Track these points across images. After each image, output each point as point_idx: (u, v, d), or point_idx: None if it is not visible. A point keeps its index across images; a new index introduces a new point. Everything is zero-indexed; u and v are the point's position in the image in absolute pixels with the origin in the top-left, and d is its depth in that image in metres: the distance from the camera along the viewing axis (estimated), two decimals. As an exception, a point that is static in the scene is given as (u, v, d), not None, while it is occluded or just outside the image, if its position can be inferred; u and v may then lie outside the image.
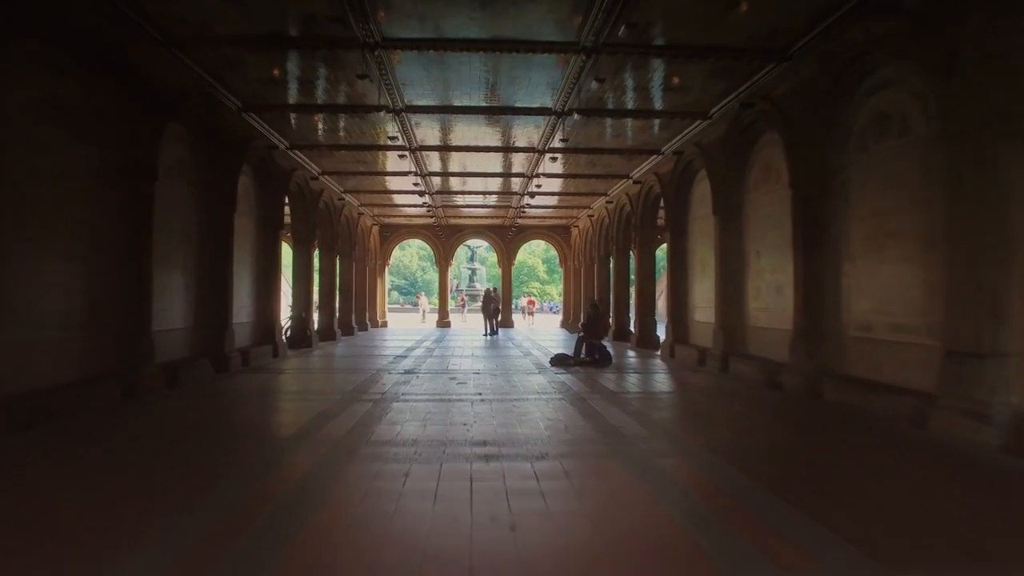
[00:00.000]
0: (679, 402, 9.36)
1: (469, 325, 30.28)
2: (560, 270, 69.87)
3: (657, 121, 12.64)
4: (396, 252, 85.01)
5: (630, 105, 11.50)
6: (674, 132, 13.20)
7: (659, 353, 15.62)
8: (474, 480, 4.73)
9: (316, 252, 20.36)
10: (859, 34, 7.45)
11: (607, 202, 19.97)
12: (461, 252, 66.73)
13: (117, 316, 8.33)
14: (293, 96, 11.15)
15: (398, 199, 22.17)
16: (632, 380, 11.19)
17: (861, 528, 3.74)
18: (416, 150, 14.58)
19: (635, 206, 17.81)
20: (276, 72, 10.04)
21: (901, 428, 6.54)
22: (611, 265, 21.90)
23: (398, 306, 58.49)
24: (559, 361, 12.97)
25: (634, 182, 17.51)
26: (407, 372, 11.49)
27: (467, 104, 11.44)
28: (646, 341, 17.26)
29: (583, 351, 13.34)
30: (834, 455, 5.75)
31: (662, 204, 16.75)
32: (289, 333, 17.07)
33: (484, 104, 11.42)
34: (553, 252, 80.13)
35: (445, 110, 11.72)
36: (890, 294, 7.65)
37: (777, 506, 4.13)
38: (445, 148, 14.71)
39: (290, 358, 14.21)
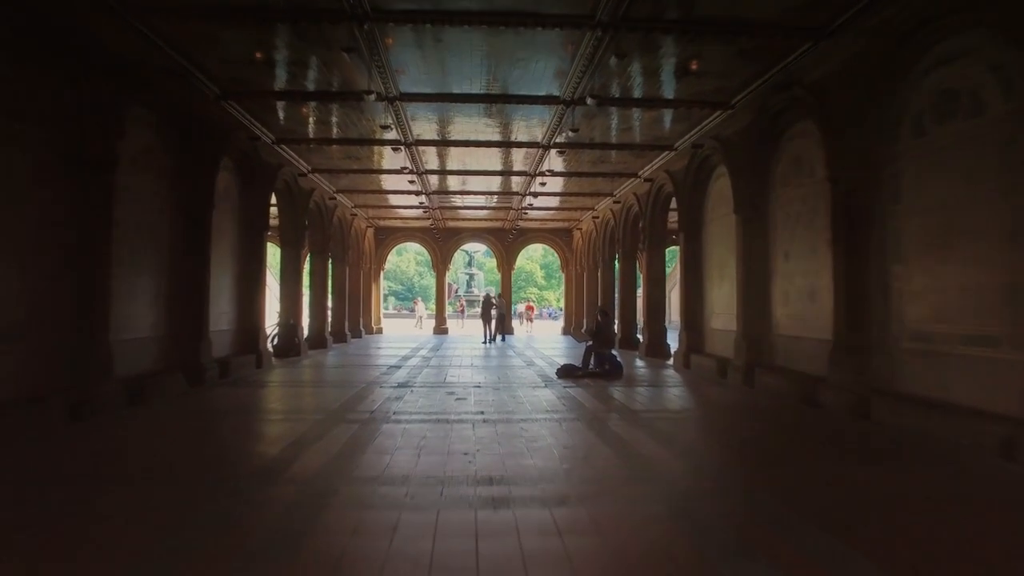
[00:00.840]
0: (708, 423, 8.33)
1: (467, 332, 29.23)
2: (560, 275, 68.54)
3: (670, 113, 11.65)
4: (393, 257, 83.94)
5: (641, 93, 10.49)
6: (690, 125, 12.21)
7: (671, 363, 14.61)
8: (480, 537, 3.70)
9: (307, 256, 19.42)
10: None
11: (614, 202, 18.99)
12: (459, 257, 66.09)
13: (66, 324, 7.27)
14: (278, 82, 10.12)
15: (393, 199, 21.16)
16: (649, 395, 10.17)
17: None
18: (412, 145, 13.57)
19: (644, 206, 16.81)
20: (258, 55, 9.04)
21: (982, 458, 5.53)
22: (616, 269, 20.92)
23: (395, 312, 57.47)
24: (566, 372, 11.94)
25: (644, 180, 16.53)
26: (401, 385, 10.44)
27: (467, 91, 10.44)
28: (656, 350, 16.24)
29: (591, 361, 12.32)
30: (905, 492, 4.72)
31: (673, 205, 15.84)
32: (276, 341, 16.03)
33: (485, 91, 10.42)
34: (551, 257, 79.76)
35: (443, 98, 10.71)
36: (955, 300, 6.64)
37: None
38: (443, 143, 13.71)
39: (275, 369, 13.15)
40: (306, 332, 18.81)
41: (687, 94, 10.49)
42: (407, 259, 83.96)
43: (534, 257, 74.41)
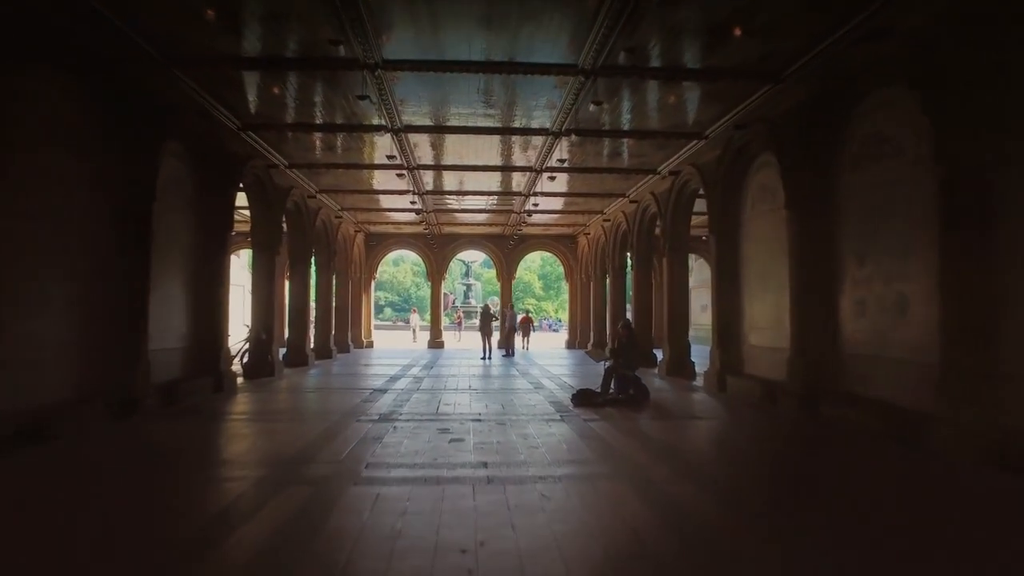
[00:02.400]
0: (795, 476, 6.31)
1: (464, 345, 27.22)
2: (563, 284, 66.88)
3: (698, 92, 9.77)
4: (389, 268, 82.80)
5: (667, 64, 8.64)
6: (726, 106, 10.31)
7: (699, 384, 12.64)
8: None
9: (289, 264, 17.46)
10: None
11: (631, 201, 17.03)
12: (456, 268, 64.25)
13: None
14: (243, 47, 8.21)
15: (384, 201, 19.21)
16: (693, 432, 8.20)
17: None
18: (401, 131, 11.65)
19: (664, 206, 14.92)
20: (209, 12, 7.14)
21: None
22: (629, 277, 19.00)
23: (390, 323, 55.52)
24: (583, 399, 9.96)
25: (665, 176, 14.64)
26: (383, 418, 8.44)
27: (464, 59, 8.54)
28: (679, 368, 14.27)
29: (612, 385, 10.35)
30: None
31: (698, 208, 13.99)
32: (246, 359, 14.04)
33: (484, 59, 8.54)
34: (549, 268, 78.10)
35: (436, 67, 8.79)
36: None
37: None
38: (437, 128, 11.78)
39: (237, 394, 11.14)
40: (286, 348, 16.85)
41: (727, 62, 8.59)
42: (404, 270, 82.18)
43: (531, 268, 72.63)
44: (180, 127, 9.70)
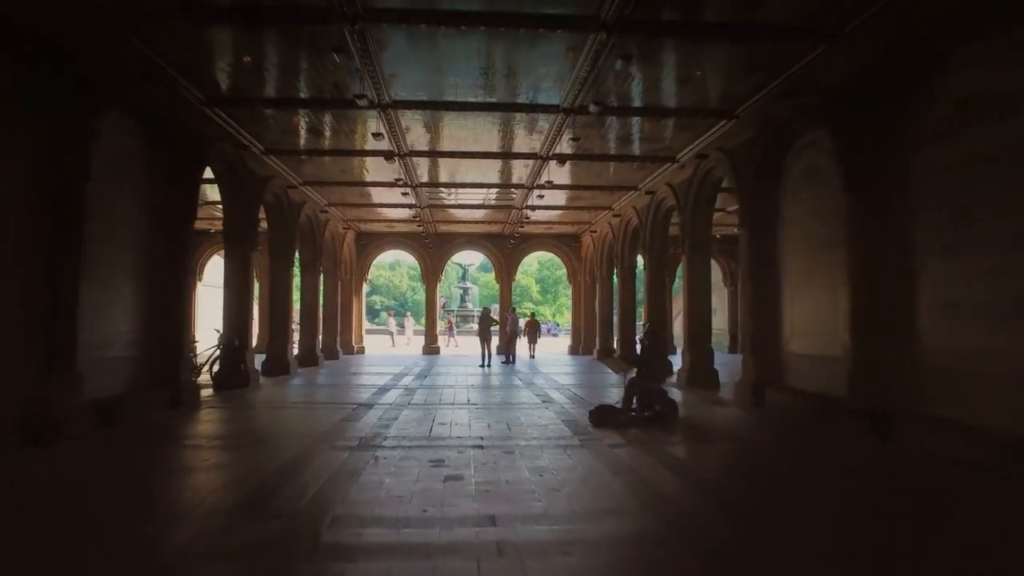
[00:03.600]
0: (918, 540, 4.81)
1: (460, 351, 25.66)
2: (561, 288, 64.66)
3: (732, 58, 8.31)
4: (385, 271, 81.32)
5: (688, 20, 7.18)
6: (766, 74, 8.83)
7: (727, 397, 11.13)
8: None
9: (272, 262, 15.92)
10: None
11: (646, 192, 15.50)
12: (452, 272, 62.63)
13: None
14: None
15: (375, 195, 17.65)
16: (757, 465, 6.64)
17: None
18: (388, 107, 10.14)
19: (683, 198, 13.44)
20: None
21: None
22: (641, 277, 17.53)
23: (384, 328, 53.83)
24: (603, 418, 8.43)
25: (683, 165, 13.17)
26: (364, 444, 6.91)
27: (460, 8, 7.07)
28: (702, 377, 12.75)
29: (635, 400, 8.85)
30: None
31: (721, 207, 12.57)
32: (217, 368, 12.48)
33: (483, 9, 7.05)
34: (547, 271, 76.55)
35: (424, 17, 7.30)
36: None
37: None
38: (430, 104, 10.26)
39: (200, 409, 9.60)
40: (265, 356, 15.30)
41: (772, 15, 7.10)
42: (400, 273, 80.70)
43: (528, 271, 71.19)
44: (128, 98, 8.19)
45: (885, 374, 7.36)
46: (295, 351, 17.00)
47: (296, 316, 19.11)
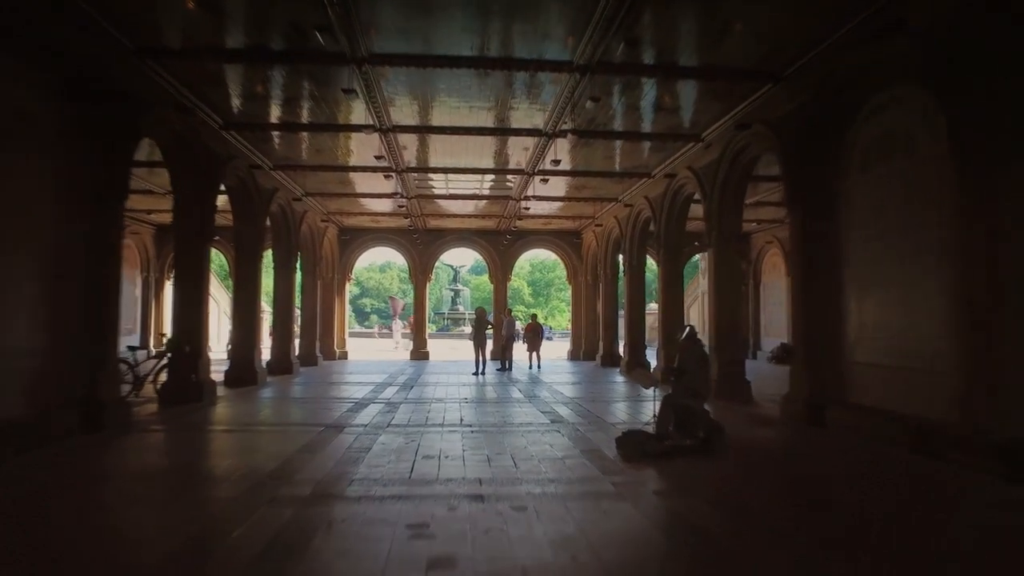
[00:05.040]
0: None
1: (447, 355, 23.75)
2: (554, 291, 63.01)
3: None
4: (375, 273, 79.28)
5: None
6: (823, 30, 7.11)
7: (768, 412, 9.34)
8: None
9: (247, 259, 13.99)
10: None
11: (666, 175, 13.63)
12: (443, 273, 60.69)
13: None
14: None
15: (357, 182, 15.79)
16: (873, 524, 4.81)
17: None
18: (364, 62, 8.29)
19: (708, 182, 11.66)
20: None
21: None
22: (650, 275, 15.73)
23: (373, 331, 51.87)
24: (634, 448, 6.60)
25: (708, 145, 11.41)
26: (317, 497, 5.01)
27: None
28: (732, 388, 10.96)
29: (671, 421, 7.03)
30: None
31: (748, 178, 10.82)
32: (166, 379, 10.55)
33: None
34: (539, 273, 74.61)
35: None
36: None
37: None
38: (415, 59, 8.42)
39: (129, 433, 7.66)
40: (230, 364, 13.38)
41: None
42: (391, 276, 78.66)
43: (520, 274, 69.39)
44: (15, 35, 6.29)
45: (1015, 393, 5.57)
46: (264, 358, 15.07)
47: (267, 319, 17.18)
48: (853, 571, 3.59)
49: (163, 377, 10.57)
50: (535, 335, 18.61)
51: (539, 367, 17.95)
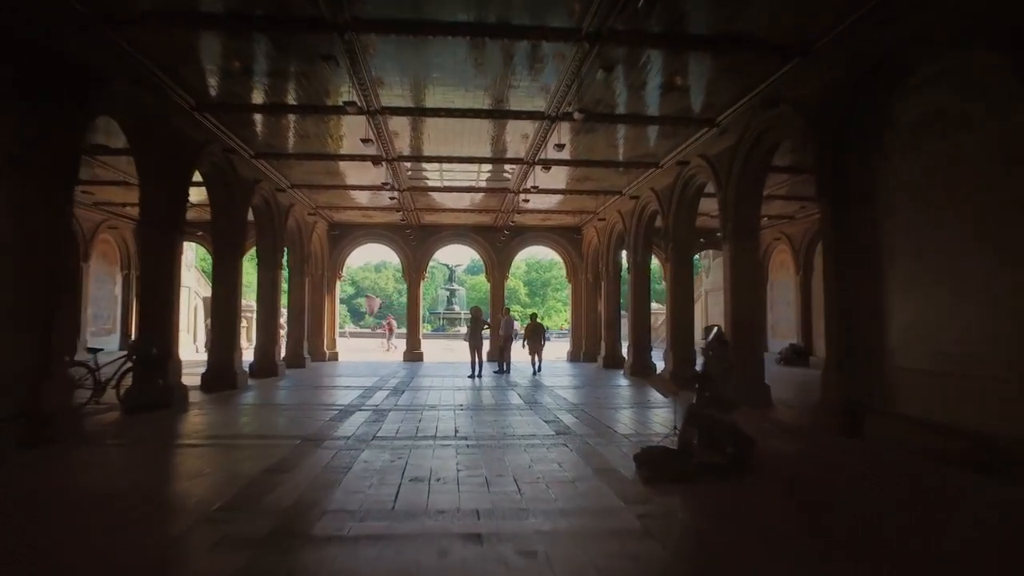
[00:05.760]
0: None
1: (443, 356, 22.83)
2: (555, 288, 62.20)
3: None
4: (371, 273, 78.11)
5: None
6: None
7: (795, 420, 8.46)
8: None
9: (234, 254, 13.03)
10: None
11: (679, 162, 12.70)
12: (439, 274, 59.71)
13: None
14: None
15: (346, 172, 14.83)
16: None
17: None
18: (345, 27, 7.37)
19: (724, 171, 10.78)
20: None
21: None
22: (657, 272, 14.85)
23: (368, 331, 50.87)
24: (656, 468, 5.71)
25: (724, 131, 10.53)
26: (279, 535, 4.08)
27: None
28: (750, 393, 9.98)
29: (695, 434, 6.13)
30: None
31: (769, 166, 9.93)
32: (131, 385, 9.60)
33: None
34: (535, 273, 73.56)
35: None
36: None
37: None
38: (404, 25, 7.49)
39: (80, 447, 6.72)
40: (208, 366, 12.43)
41: None
42: (386, 276, 77.58)
43: (516, 274, 68.43)
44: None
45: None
46: (245, 360, 14.14)
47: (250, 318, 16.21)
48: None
49: (129, 382, 9.62)
50: (536, 336, 17.28)
51: (540, 369, 16.84)
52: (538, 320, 17.78)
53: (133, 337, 9.86)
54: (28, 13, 6.37)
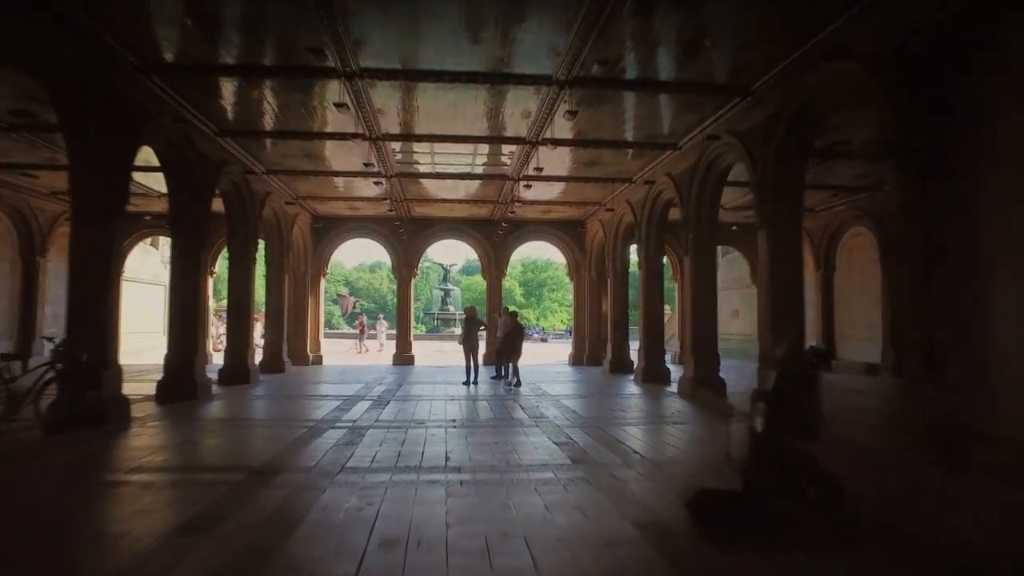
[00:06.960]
0: None
1: (436, 359, 21.23)
2: (552, 288, 60.88)
3: None
4: (365, 273, 76.32)
5: None
6: None
7: (861, 440, 6.93)
8: None
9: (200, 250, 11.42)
10: None
11: (707, 136, 11.03)
12: (433, 274, 58.10)
13: None
14: None
15: (330, 155, 13.20)
16: None
17: None
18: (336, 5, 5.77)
19: (758, 150, 9.25)
20: None
21: None
22: (686, 267, 13.32)
23: (356, 332, 49.10)
24: (718, 520, 4.17)
25: (758, 100, 8.99)
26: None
27: None
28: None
29: (763, 468, 4.58)
30: None
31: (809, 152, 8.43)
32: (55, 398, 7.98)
33: None
34: (531, 273, 71.87)
35: None
36: None
37: None
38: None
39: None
40: (168, 374, 10.81)
41: None
42: (380, 276, 75.89)
43: (512, 273, 66.82)
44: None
45: None
46: (207, 366, 12.53)
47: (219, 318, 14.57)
48: None
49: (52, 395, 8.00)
50: (515, 337, 14.03)
51: (518, 383, 13.41)
52: (518, 319, 14.82)
53: (56, 341, 8.20)
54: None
